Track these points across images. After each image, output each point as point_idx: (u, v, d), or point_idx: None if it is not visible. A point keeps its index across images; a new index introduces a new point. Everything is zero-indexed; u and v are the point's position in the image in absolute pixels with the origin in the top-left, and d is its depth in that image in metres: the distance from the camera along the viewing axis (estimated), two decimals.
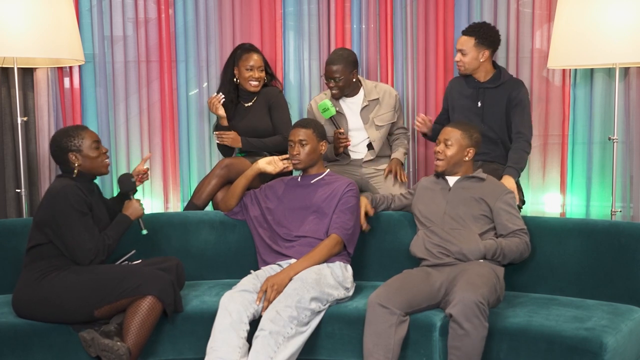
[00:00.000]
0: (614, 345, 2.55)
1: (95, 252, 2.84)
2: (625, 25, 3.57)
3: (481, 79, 3.68)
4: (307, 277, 2.92)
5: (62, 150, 2.92)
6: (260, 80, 3.82)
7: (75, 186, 2.86)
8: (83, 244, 2.82)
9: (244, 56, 3.82)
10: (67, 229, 2.81)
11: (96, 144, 2.96)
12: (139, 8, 4.20)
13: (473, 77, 3.69)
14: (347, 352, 2.91)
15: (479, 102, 3.66)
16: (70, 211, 2.81)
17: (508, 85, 3.64)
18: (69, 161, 2.93)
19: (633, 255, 2.96)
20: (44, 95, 4.10)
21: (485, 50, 3.61)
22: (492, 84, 3.65)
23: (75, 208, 2.81)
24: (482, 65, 3.64)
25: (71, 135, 2.92)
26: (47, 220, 2.85)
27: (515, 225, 3.04)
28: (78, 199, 2.83)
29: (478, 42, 3.59)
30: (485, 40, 3.60)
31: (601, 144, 4.09)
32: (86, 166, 2.94)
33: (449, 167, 3.16)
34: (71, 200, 2.81)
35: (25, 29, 3.57)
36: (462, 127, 3.17)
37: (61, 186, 2.86)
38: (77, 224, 2.82)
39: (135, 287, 2.78)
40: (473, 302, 2.64)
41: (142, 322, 2.78)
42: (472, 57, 3.61)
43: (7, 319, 2.87)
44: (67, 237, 2.82)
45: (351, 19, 4.24)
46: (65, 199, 2.82)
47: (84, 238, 2.82)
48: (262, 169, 3.43)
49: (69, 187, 2.85)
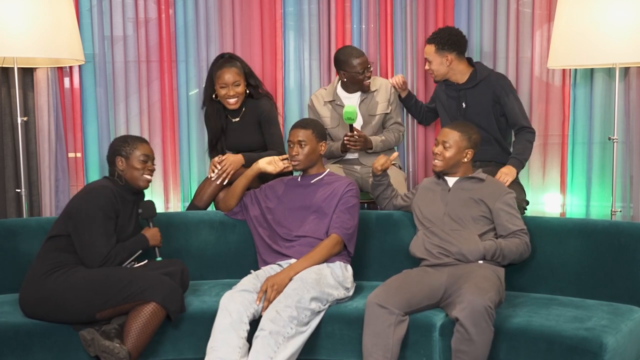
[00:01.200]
0: (614, 346, 2.55)
1: (106, 258, 2.86)
2: (625, 25, 3.57)
3: (459, 80, 3.73)
4: (307, 277, 2.92)
5: (113, 153, 3.04)
6: (237, 97, 3.67)
7: (110, 189, 2.93)
8: (97, 246, 2.85)
9: (217, 73, 3.67)
10: (87, 226, 2.85)
11: (145, 157, 3.04)
12: (139, 8, 4.20)
13: (451, 81, 3.75)
14: (347, 352, 2.91)
15: (463, 103, 3.71)
16: (96, 210, 2.86)
17: (488, 82, 3.69)
18: (115, 164, 3.03)
19: (633, 255, 2.96)
20: (44, 95, 4.10)
21: (448, 54, 3.67)
22: (470, 84, 3.71)
23: (102, 208, 2.87)
24: (452, 68, 3.69)
25: (127, 142, 3.05)
26: (74, 212, 2.90)
27: (515, 226, 3.03)
28: (108, 201, 2.89)
29: (438, 48, 3.67)
30: (445, 45, 3.66)
31: (601, 144, 4.09)
32: (127, 174, 3.02)
33: (446, 167, 3.17)
34: (101, 200, 2.88)
35: (25, 29, 3.57)
36: (460, 128, 3.17)
37: (99, 185, 2.96)
38: (98, 225, 2.86)
39: (140, 292, 2.78)
40: (482, 307, 2.63)
41: (143, 327, 2.78)
42: (437, 63, 3.69)
43: (7, 318, 2.87)
44: (84, 235, 2.86)
45: (351, 19, 4.24)
46: (96, 198, 2.89)
47: (100, 241, 2.85)
48: (263, 169, 3.43)
49: (104, 188, 2.93)
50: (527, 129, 3.65)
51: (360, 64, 3.76)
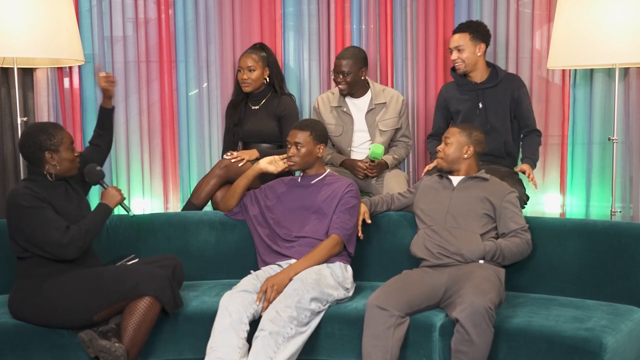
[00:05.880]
0: (613, 346, 2.55)
1: (69, 240, 2.74)
2: (625, 25, 3.57)
3: (477, 79, 3.68)
4: (307, 277, 2.92)
5: (38, 149, 2.81)
6: (249, 82, 3.80)
7: (23, 186, 2.79)
8: (49, 237, 2.73)
9: (240, 57, 3.86)
10: (29, 231, 2.75)
11: (72, 144, 2.89)
12: (139, 8, 4.20)
13: (469, 80, 3.69)
14: (346, 352, 2.91)
15: (480, 103, 3.66)
16: (24, 212, 2.74)
17: (507, 82, 3.66)
18: (43, 161, 2.83)
19: (633, 255, 2.96)
20: (43, 95, 4.10)
21: (482, 44, 3.64)
22: (491, 83, 3.66)
23: (26, 207, 2.73)
24: (479, 61, 3.65)
25: (49, 134, 2.82)
26: (12, 231, 2.81)
27: (517, 224, 3.04)
28: (26, 197, 2.75)
29: (473, 37, 3.63)
30: (479, 34, 3.64)
31: (601, 144, 4.09)
32: (61, 167, 2.85)
33: (447, 164, 3.18)
34: (20, 201, 2.74)
35: (25, 29, 3.57)
36: (462, 126, 3.23)
37: (11, 192, 2.80)
38: (34, 221, 2.74)
39: (132, 288, 2.75)
40: (483, 307, 2.63)
41: (139, 323, 2.75)
42: (470, 52, 3.63)
43: (7, 319, 2.87)
44: (34, 239, 2.76)
45: (351, 19, 4.24)
46: (15, 204, 2.75)
47: (47, 231, 2.73)
48: (264, 169, 3.43)
49: (16, 190, 2.79)
50: (537, 131, 3.70)
51: (337, 64, 3.73)
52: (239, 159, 3.66)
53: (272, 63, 3.88)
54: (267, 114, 3.85)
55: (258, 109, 3.87)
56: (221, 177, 3.65)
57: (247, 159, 3.66)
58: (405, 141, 3.93)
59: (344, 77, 3.72)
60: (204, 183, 3.67)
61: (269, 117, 3.84)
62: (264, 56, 3.85)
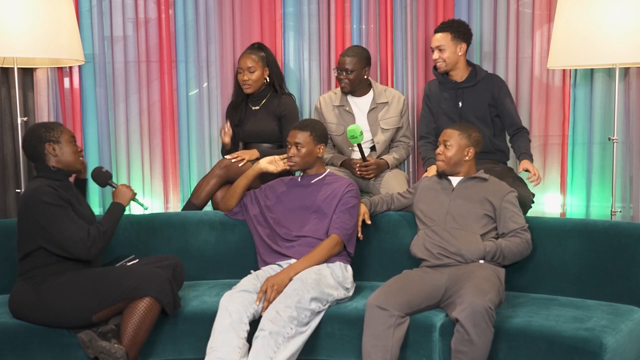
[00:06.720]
0: (613, 346, 2.55)
1: (91, 241, 2.77)
2: (625, 25, 3.57)
3: (458, 78, 3.73)
4: (307, 277, 2.92)
5: (40, 141, 2.85)
6: (251, 83, 3.81)
7: (47, 185, 2.80)
8: (73, 236, 2.75)
9: (239, 58, 3.87)
10: (52, 228, 2.76)
11: (73, 137, 2.93)
12: (139, 8, 4.20)
13: (449, 79, 3.74)
14: (346, 352, 2.91)
15: (459, 102, 3.70)
16: (49, 209, 2.75)
17: (486, 82, 3.70)
18: (45, 153, 2.86)
19: (633, 255, 2.96)
20: (44, 95, 4.10)
21: (463, 44, 3.68)
22: (470, 83, 3.71)
23: (52, 205, 2.75)
24: (460, 60, 3.69)
25: (50, 128, 2.87)
26: (30, 227, 2.80)
27: (517, 224, 3.04)
28: (52, 195, 2.76)
29: (454, 37, 3.67)
30: (460, 34, 3.67)
31: (601, 144, 4.09)
32: (62, 159, 2.88)
33: (449, 167, 3.18)
34: (45, 198, 2.75)
35: (25, 29, 3.57)
36: (460, 127, 3.21)
37: (32, 188, 2.80)
38: (59, 219, 2.76)
39: (132, 289, 2.75)
40: (483, 307, 2.63)
41: (139, 324, 2.75)
42: (451, 51, 3.67)
43: (7, 319, 2.87)
44: (55, 236, 2.77)
45: (351, 19, 4.24)
46: (39, 200, 2.76)
47: (71, 230, 2.76)
48: (264, 169, 3.43)
49: (40, 187, 2.79)
50: (525, 129, 3.71)
51: (340, 62, 3.75)
52: (239, 159, 3.66)
53: (272, 63, 3.89)
54: (267, 114, 3.85)
55: (258, 109, 3.88)
56: (221, 177, 3.65)
57: (247, 159, 3.66)
58: (406, 141, 3.94)
59: (346, 74, 3.73)
60: (204, 183, 3.68)
61: (269, 117, 3.84)
62: (263, 56, 3.86)
